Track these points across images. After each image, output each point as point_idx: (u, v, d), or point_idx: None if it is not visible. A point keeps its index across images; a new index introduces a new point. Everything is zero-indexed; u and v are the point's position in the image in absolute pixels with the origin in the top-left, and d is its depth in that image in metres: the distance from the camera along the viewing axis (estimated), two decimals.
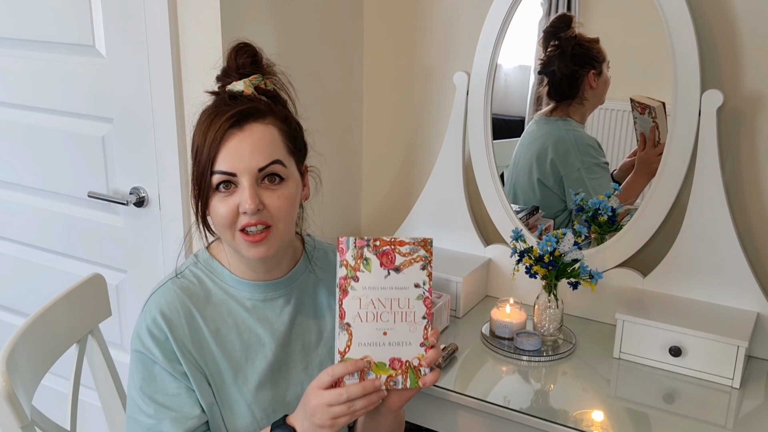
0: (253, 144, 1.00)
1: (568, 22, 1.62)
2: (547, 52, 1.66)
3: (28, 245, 1.94)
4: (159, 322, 1.05)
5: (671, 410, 1.30)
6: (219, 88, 1.08)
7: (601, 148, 1.67)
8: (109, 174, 1.70)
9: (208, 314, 1.09)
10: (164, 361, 1.04)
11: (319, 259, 1.19)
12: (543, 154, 1.71)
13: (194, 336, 1.07)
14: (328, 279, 1.18)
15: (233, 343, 1.09)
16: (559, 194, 1.71)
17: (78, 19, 1.60)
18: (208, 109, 1.04)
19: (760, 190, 1.48)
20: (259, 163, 1.00)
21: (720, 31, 1.44)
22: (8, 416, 1.06)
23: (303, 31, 1.66)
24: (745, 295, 1.46)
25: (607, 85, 1.64)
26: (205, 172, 1.00)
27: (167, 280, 1.11)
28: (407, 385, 0.96)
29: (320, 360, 1.15)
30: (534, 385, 1.39)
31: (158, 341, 1.05)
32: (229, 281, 1.11)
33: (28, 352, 1.17)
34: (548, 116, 1.71)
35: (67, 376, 1.32)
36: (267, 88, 1.07)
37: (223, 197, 1.01)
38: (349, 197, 1.97)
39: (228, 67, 1.07)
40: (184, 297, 1.08)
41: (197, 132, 1.03)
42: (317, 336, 1.16)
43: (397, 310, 0.97)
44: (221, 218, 1.02)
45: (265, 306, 1.12)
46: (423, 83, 1.83)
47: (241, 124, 1.01)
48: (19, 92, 1.78)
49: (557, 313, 1.51)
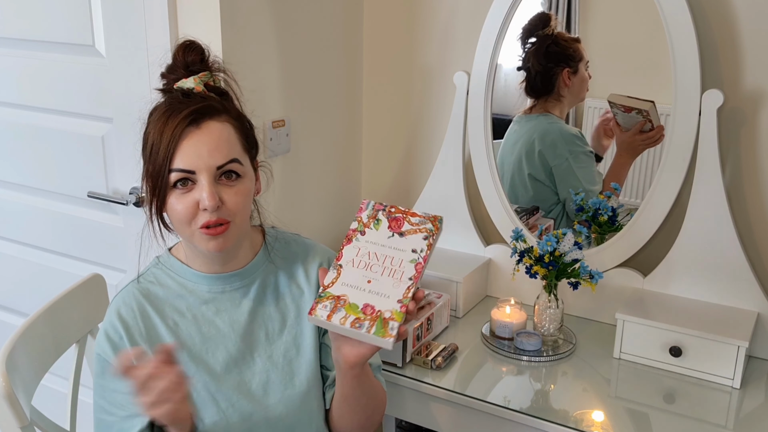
0: (211, 142, 1.02)
1: (545, 20, 1.65)
2: (524, 48, 1.68)
3: (28, 245, 1.94)
4: (115, 324, 1.09)
5: (671, 410, 1.30)
6: (165, 85, 1.09)
7: (584, 137, 1.70)
8: (109, 174, 1.70)
9: (164, 311, 1.12)
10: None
11: (280, 249, 1.21)
12: (530, 148, 1.73)
13: (150, 334, 1.10)
14: (288, 267, 1.19)
15: (192, 336, 1.11)
16: (551, 186, 1.71)
17: (78, 19, 1.60)
18: (161, 106, 1.05)
19: (760, 190, 1.48)
20: (217, 162, 1.02)
21: (720, 31, 1.44)
22: (8, 416, 1.06)
23: (303, 31, 1.66)
24: (745, 295, 1.46)
25: (584, 83, 1.67)
26: (162, 169, 1.02)
27: (128, 284, 1.15)
28: (371, 332, 0.96)
29: (285, 347, 1.15)
30: (534, 385, 1.39)
31: (113, 343, 1.08)
32: (188, 276, 1.14)
33: (28, 352, 1.17)
34: (528, 114, 1.74)
35: (67, 376, 1.32)
36: (216, 85, 1.10)
37: (181, 194, 1.03)
38: (349, 197, 1.97)
39: (174, 64, 1.09)
40: (141, 297, 1.12)
41: (152, 130, 1.04)
42: (281, 324, 1.16)
43: (388, 266, 1.01)
44: (179, 215, 1.04)
45: (224, 298, 1.14)
46: (423, 83, 1.83)
47: (198, 122, 1.02)
48: (19, 92, 1.78)
49: (557, 313, 1.51)
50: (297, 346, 1.16)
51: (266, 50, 1.57)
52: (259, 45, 1.54)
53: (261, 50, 1.55)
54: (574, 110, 1.71)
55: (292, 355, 1.15)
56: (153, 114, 1.06)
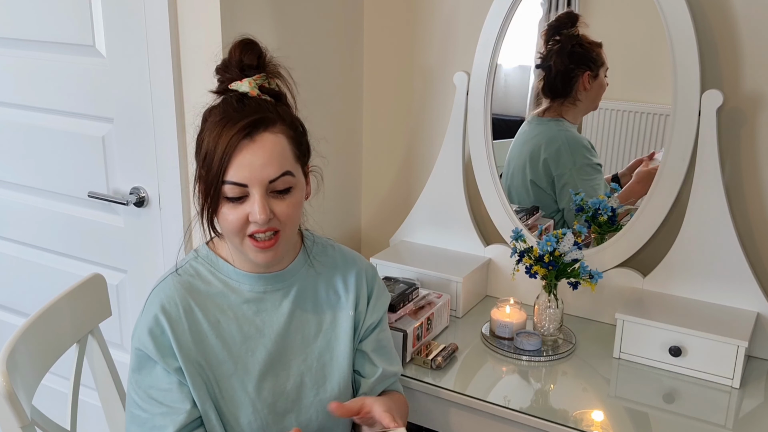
0: (264, 156, 1.02)
1: (573, 19, 1.62)
2: (548, 46, 1.66)
3: (28, 245, 1.94)
4: (159, 317, 1.07)
5: (671, 410, 1.30)
6: (220, 85, 1.08)
7: (594, 149, 1.68)
8: (109, 174, 1.70)
9: (207, 307, 1.11)
10: (158, 355, 1.06)
11: (318, 253, 1.21)
12: (536, 154, 1.72)
13: (193, 329, 1.09)
14: (327, 273, 1.20)
15: (233, 334, 1.11)
16: (552, 195, 1.71)
17: (78, 19, 1.60)
18: (217, 112, 1.04)
19: (760, 190, 1.48)
20: (270, 175, 1.02)
21: (720, 31, 1.44)
22: (8, 416, 1.06)
23: (303, 31, 1.66)
24: (745, 295, 1.46)
25: (601, 90, 1.64)
26: (216, 180, 1.02)
27: (167, 276, 1.13)
28: None
29: (319, 352, 1.17)
30: (534, 385, 1.39)
31: (155, 336, 1.07)
32: (229, 274, 1.13)
33: (28, 352, 1.17)
34: (541, 116, 1.72)
35: (67, 376, 1.32)
36: (270, 87, 1.08)
37: (233, 205, 1.04)
38: (349, 197, 1.97)
39: (229, 62, 1.07)
40: (183, 291, 1.10)
41: (207, 137, 1.03)
42: (316, 328, 1.17)
43: None
44: (231, 225, 1.04)
45: (266, 298, 1.14)
46: (423, 83, 1.83)
47: (253, 135, 1.02)
48: (19, 92, 1.78)
49: (557, 313, 1.51)
50: (331, 351, 1.17)
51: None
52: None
53: None
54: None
55: (326, 359, 1.16)
56: (209, 118, 1.05)
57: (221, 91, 1.07)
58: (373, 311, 1.22)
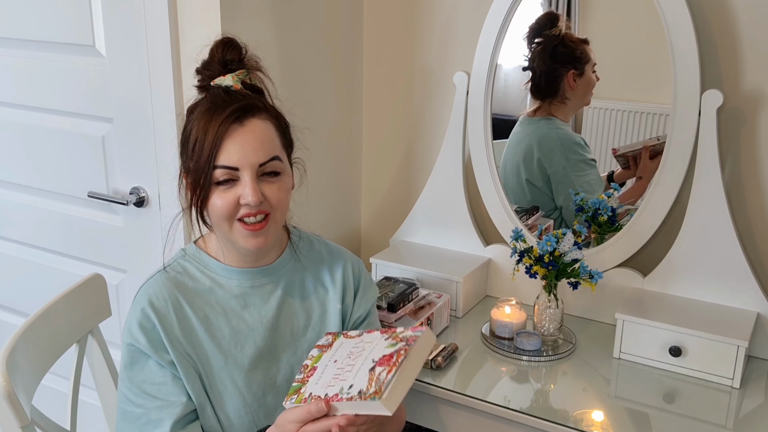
0: (255, 140, 1.04)
1: (553, 20, 1.63)
2: (531, 48, 1.67)
3: (27, 245, 1.94)
4: (147, 312, 1.08)
5: (671, 410, 1.30)
6: (201, 81, 1.10)
7: (587, 145, 1.68)
8: (109, 174, 1.70)
9: (196, 303, 1.12)
10: (151, 349, 1.07)
11: (304, 248, 1.22)
12: (529, 154, 1.72)
13: (182, 324, 1.10)
14: (314, 267, 1.22)
15: (222, 329, 1.12)
16: (548, 193, 1.71)
17: (78, 19, 1.60)
18: (203, 103, 1.06)
19: (760, 190, 1.48)
20: (260, 159, 1.04)
21: (720, 31, 1.44)
22: (8, 416, 1.06)
23: (303, 31, 1.66)
24: (745, 295, 1.46)
25: (590, 86, 1.64)
26: (207, 166, 1.03)
27: (155, 273, 1.14)
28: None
29: (308, 345, 1.18)
30: (534, 385, 1.39)
31: (146, 331, 1.08)
32: (217, 270, 1.14)
33: (28, 352, 1.17)
34: (532, 116, 1.73)
35: (67, 376, 1.32)
36: (252, 83, 1.11)
37: (223, 190, 1.04)
38: (349, 197, 1.97)
39: (211, 60, 1.09)
40: (171, 287, 1.11)
41: (195, 126, 1.05)
42: (305, 322, 1.19)
43: (357, 357, 0.97)
44: (220, 210, 1.05)
45: (253, 292, 1.15)
46: (423, 83, 1.83)
47: (242, 119, 1.04)
48: (19, 92, 1.78)
49: (557, 313, 1.51)
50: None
51: (266, 50, 1.56)
52: (259, 45, 1.53)
53: (261, 51, 1.54)
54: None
55: None
56: (194, 111, 1.07)
57: (205, 86, 1.09)
58: (360, 304, 1.23)
